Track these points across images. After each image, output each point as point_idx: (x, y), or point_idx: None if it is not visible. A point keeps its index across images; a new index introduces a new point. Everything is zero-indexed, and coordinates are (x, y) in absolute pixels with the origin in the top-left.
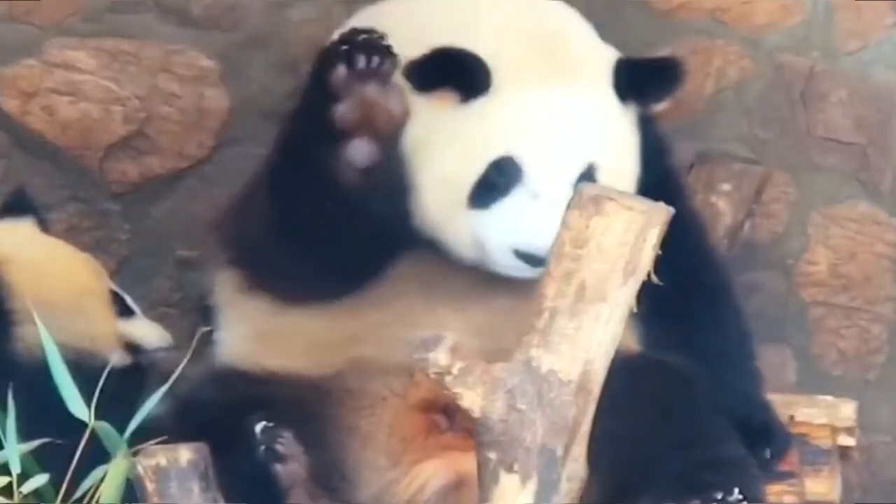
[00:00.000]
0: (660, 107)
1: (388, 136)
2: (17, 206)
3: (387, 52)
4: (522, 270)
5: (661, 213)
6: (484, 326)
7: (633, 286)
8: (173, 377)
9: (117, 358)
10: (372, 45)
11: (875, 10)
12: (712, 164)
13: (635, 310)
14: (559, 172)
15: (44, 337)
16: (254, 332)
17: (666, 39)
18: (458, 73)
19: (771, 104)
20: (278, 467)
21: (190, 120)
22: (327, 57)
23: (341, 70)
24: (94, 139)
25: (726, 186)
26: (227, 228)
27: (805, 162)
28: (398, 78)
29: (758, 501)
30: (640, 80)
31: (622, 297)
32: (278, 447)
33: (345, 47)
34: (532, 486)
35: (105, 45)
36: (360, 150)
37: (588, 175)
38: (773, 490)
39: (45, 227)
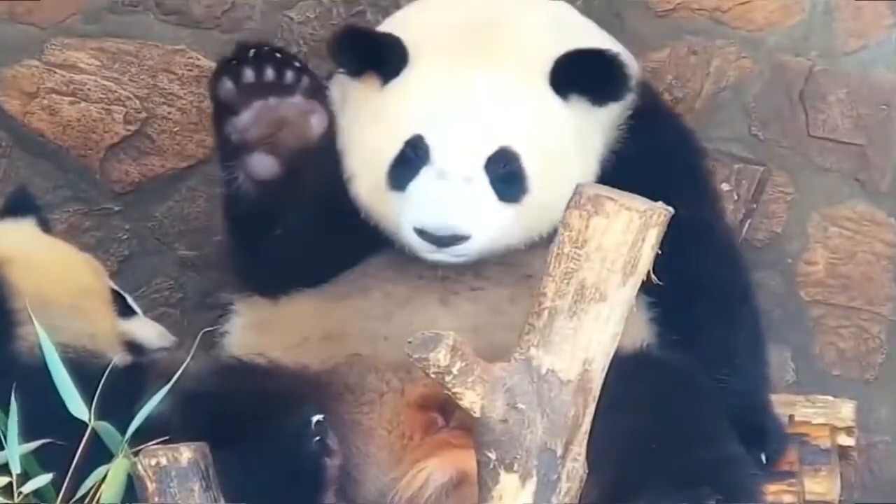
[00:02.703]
0: (612, 104)
1: (296, 152)
2: (18, 206)
3: (284, 65)
4: (431, 252)
5: (660, 213)
6: (473, 321)
7: (633, 286)
8: (175, 377)
9: (118, 358)
10: (261, 59)
11: (875, 10)
12: (712, 164)
13: (635, 309)
14: (465, 152)
15: (42, 338)
16: (252, 323)
17: (666, 39)
18: (372, 56)
19: (771, 104)
20: (327, 461)
21: (190, 120)
22: (216, 72)
23: (227, 85)
24: (94, 139)
25: (726, 186)
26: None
27: (804, 162)
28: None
29: (755, 502)
30: (580, 75)
31: (622, 297)
32: (330, 442)
33: (233, 62)
34: (532, 485)
35: (106, 45)
36: (260, 163)
37: (501, 158)
38: (772, 490)
39: (46, 227)
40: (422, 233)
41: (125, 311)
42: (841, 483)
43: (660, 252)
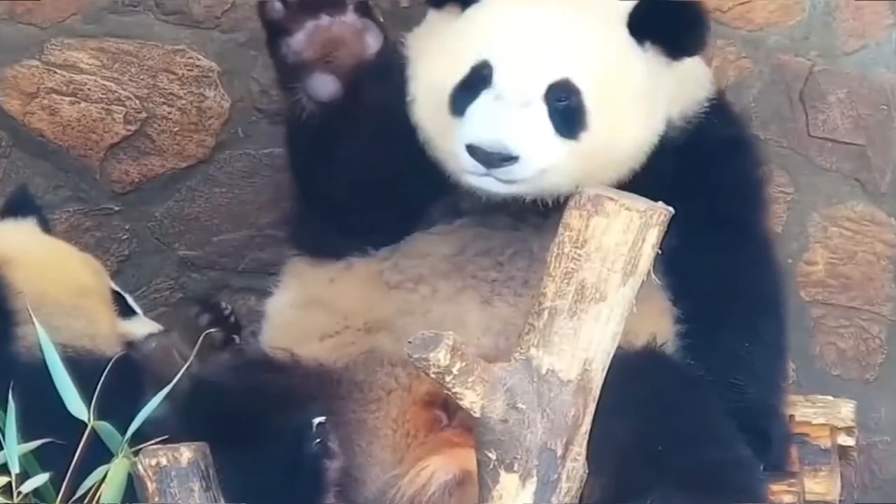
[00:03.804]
0: (689, 55)
1: (354, 70)
2: (18, 206)
3: None
4: (480, 175)
5: (660, 213)
6: (507, 325)
7: (633, 286)
8: (176, 378)
9: (117, 357)
10: None
11: (875, 10)
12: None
13: (635, 309)
14: (525, 78)
15: (42, 338)
16: (299, 301)
17: None
18: None
19: (770, 104)
20: (327, 463)
21: (190, 120)
22: None
23: (275, 5)
24: (94, 139)
25: None
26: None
27: (804, 162)
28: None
29: (761, 502)
30: (659, 23)
31: (622, 297)
32: (331, 444)
33: None
34: (532, 485)
35: (106, 45)
36: (320, 84)
37: (562, 90)
38: (772, 490)
39: (46, 227)
40: (473, 150)
41: (125, 311)
42: (841, 483)
43: (692, 250)
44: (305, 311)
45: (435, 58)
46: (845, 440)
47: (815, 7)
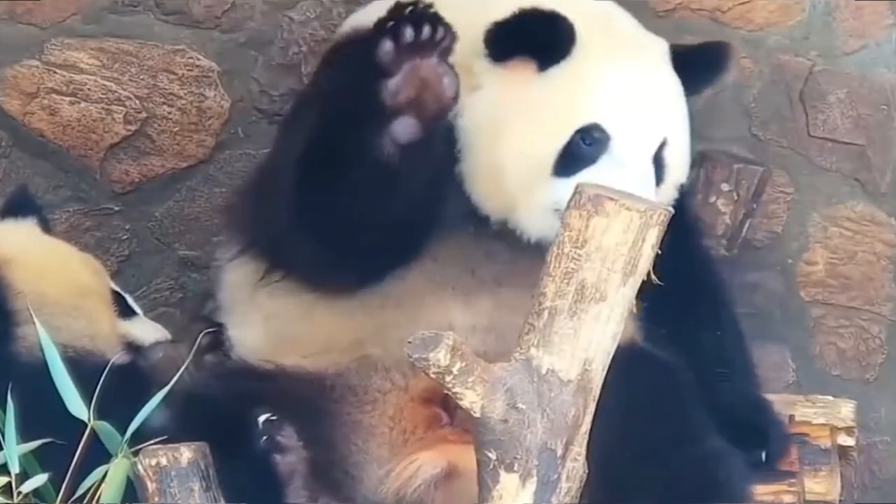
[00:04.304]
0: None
1: (434, 115)
2: (18, 206)
3: (437, 23)
4: None
5: (660, 213)
6: (493, 324)
7: (633, 286)
8: (175, 378)
9: (117, 357)
10: (419, 16)
11: (875, 10)
12: (712, 164)
13: (636, 310)
14: (643, 142)
15: (43, 338)
16: (266, 331)
17: (666, 39)
18: (540, 38)
19: (770, 104)
20: (277, 458)
21: (190, 120)
22: (375, 33)
23: (387, 45)
24: (94, 139)
25: (726, 186)
26: (243, 216)
27: (804, 162)
28: (467, 52)
29: (744, 500)
30: (692, 65)
31: (622, 297)
32: (279, 438)
33: (391, 22)
34: (532, 485)
35: (106, 45)
36: (404, 127)
37: (662, 148)
38: (772, 490)
39: (46, 227)
40: None
41: (125, 311)
42: (841, 483)
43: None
44: (283, 333)
45: (525, 120)
46: (845, 440)
47: (815, 7)
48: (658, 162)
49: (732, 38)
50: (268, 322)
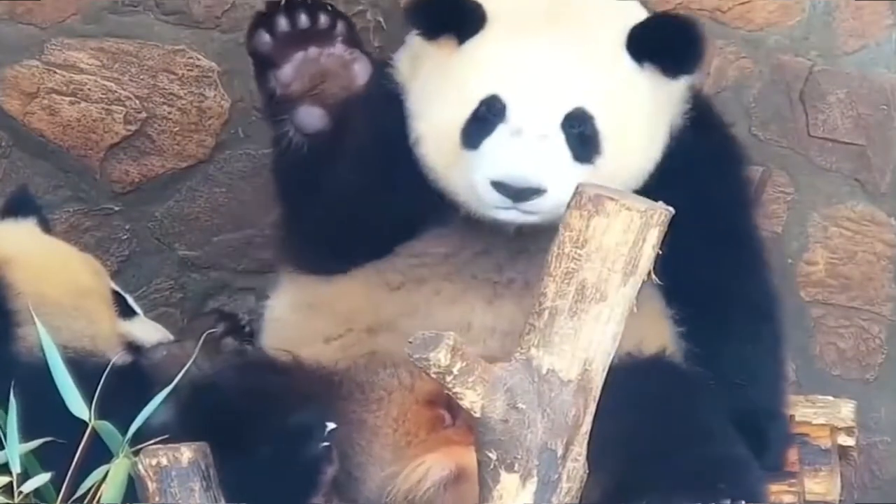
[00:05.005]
0: (687, 74)
1: (343, 99)
2: (18, 206)
3: (317, 11)
4: (504, 208)
5: (660, 213)
6: (513, 324)
7: (634, 286)
8: (177, 378)
9: (117, 357)
10: (294, 6)
11: (875, 10)
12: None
13: (636, 309)
14: (541, 111)
15: (43, 338)
16: (300, 302)
17: None
18: (454, 16)
19: (770, 104)
20: (327, 469)
21: (190, 120)
22: (251, 25)
23: (263, 37)
24: (94, 139)
25: None
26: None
27: (804, 162)
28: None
29: (760, 502)
30: (656, 42)
31: (622, 297)
32: (334, 450)
33: (265, 13)
34: (532, 485)
35: (106, 45)
36: (306, 116)
37: (576, 118)
38: (772, 490)
39: (46, 227)
40: (499, 186)
41: (126, 311)
42: (841, 483)
43: (686, 256)
44: (307, 313)
45: (439, 93)
46: (845, 440)
47: (815, 7)
48: (582, 133)
49: (732, 38)
50: (295, 296)
